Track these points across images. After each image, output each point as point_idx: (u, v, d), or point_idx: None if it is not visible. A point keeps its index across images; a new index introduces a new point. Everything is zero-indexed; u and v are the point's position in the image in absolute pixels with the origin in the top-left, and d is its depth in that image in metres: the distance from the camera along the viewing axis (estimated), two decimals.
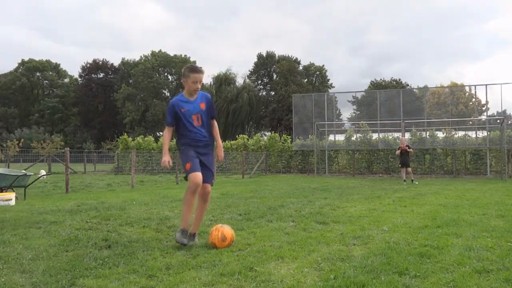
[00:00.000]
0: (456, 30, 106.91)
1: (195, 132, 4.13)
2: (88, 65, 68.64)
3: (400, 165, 14.16)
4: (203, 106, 4.21)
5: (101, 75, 69.88)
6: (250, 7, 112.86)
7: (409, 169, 13.78)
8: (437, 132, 19.88)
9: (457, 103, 29.64)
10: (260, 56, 63.61)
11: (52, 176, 17.47)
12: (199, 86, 4.20)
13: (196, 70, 4.19)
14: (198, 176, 3.97)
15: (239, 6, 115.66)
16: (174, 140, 4.56)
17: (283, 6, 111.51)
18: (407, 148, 13.81)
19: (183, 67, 4.33)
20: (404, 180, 13.57)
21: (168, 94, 68.75)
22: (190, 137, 4.15)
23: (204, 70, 4.28)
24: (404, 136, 18.32)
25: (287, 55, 62.53)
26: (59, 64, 76.16)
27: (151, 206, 6.92)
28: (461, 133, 19.83)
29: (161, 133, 62.47)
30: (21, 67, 72.57)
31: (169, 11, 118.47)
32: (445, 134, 19.57)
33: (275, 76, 61.74)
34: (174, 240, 4.04)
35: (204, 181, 4.08)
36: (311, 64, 63.78)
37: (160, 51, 67.11)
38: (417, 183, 13.19)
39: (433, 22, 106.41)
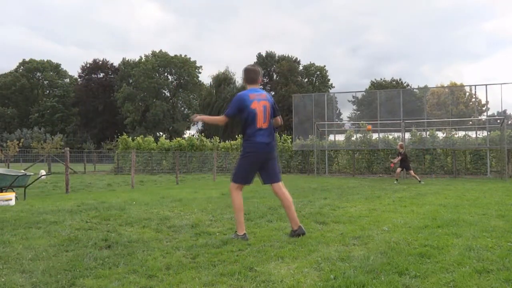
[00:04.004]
0: (456, 30, 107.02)
1: None
2: (88, 65, 68.63)
3: (403, 169, 14.14)
4: None
5: (101, 75, 69.86)
6: (250, 7, 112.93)
7: (411, 172, 13.86)
8: (437, 132, 19.87)
9: (457, 103, 29.64)
10: (259, 56, 63.60)
11: (52, 176, 17.47)
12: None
13: None
14: None
15: (239, 6, 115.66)
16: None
17: (283, 6, 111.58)
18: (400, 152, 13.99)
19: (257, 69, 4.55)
20: (397, 180, 13.82)
21: (168, 94, 68.78)
22: None
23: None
24: (404, 137, 18.33)
25: (287, 55, 62.55)
26: (60, 64, 76.22)
27: (151, 206, 6.92)
28: (461, 133, 19.81)
29: (161, 133, 62.50)
30: (22, 67, 72.58)
31: (169, 11, 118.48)
32: (445, 134, 19.56)
33: (275, 76, 61.73)
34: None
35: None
36: (312, 64, 63.76)
37: (160, 51, 67.10)
38: (396, 182, 13.37)
39: (432, 22, 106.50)
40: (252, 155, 4.29)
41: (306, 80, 62.55)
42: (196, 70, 69.06)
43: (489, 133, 18.86)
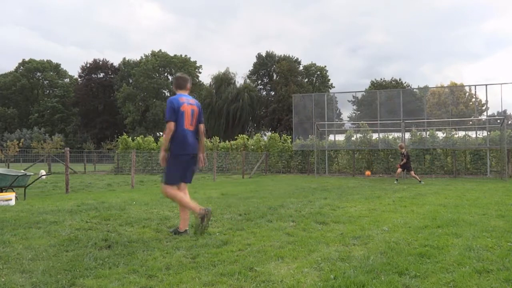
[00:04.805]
0: (456, 30, 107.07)
1: None
2: (88, 65, 68.60)
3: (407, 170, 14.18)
4: None
5: (101, 75, 69.85)
6: (249, 7, 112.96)
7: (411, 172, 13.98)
8: (437, 132, 19.87)
9: (457, 103, 29.64)
10: (259, 56, 63.55)
11: (52, 176, 17.47)
12: None
13: None
14: None
15: (239, 6, 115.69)
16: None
17: (283, 6, 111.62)
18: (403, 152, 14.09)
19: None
20: (397, 180, 13.94)
21: (168, 94, 68.77)
22: None
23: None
24: (404, 137, 18.33)
25: (287, 55, 62.49)
26: (60, 64, 76.22)
27: (151, 206, 6.92)
28: (461, 133, 19.81)
29: (161, 133, 62.52)
30: (21, 67, 72.56)
31: (169, 11, 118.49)
32: (445, 134, 19.55)
33: (275, 76, 61.69)
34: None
35: None
36: (312, 64, 63.70)
37: (160, 51, 67.13)
38: (396, 182, 13.51)
39: (432, 22, 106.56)
40: (182, 156, 4.55)
41: (306, 80, 62.48)
42: (196, 70, 69.06)
43: (489, 133, 18.85)
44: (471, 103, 35.02)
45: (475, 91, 21.91)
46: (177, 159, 4.52)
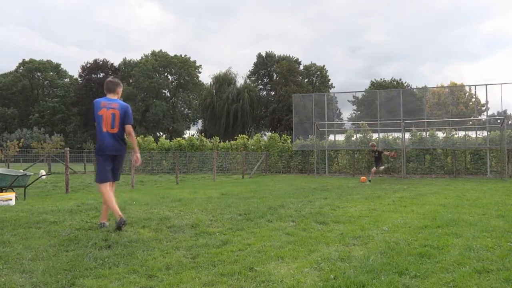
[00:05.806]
0: (455, 30, 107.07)
1: None
2: (88, 65, 68.59)
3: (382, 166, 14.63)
4: None
5: (101, 75, 69.80)
6: (249, 7, 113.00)
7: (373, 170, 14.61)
8: (437, 132, 19.86)
9: (457, 103, 29.63)
10: (259, 56, 63.56)
11: (52, 176, 17.47)
12: None
13: None
14: None
15: (239, 6, 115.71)
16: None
17: (282, 6, 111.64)
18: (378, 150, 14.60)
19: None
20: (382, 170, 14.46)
21: (168, 94, 68.79)
22: None
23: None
24: (404, 137, 18.33)
25: (287, 55, 62.51)
26: (60, 64, 76.21)
27: (151, 206, 6.92)
28: (461, 133, 19.80)
29: (161, 133, 62.53)
30: (22, 67, 72.55)
31: (168, 11, 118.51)
32: (445, 134, 19.54)
33: (275, 76, 61.69)
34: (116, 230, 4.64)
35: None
36: (312, 64, 63.73)
37: (160, 51, 67.14)
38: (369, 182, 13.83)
39: (432, 22, 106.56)
40: (102, 155, 4.91)
41: (306, 80, 62.47)
42: (196, 70, 69.07)
43: (489, 133, 18.85)
44: (471, 103, 34.98)
45: (475, 91, 21.92)
46: (100, 157, 4.91)
